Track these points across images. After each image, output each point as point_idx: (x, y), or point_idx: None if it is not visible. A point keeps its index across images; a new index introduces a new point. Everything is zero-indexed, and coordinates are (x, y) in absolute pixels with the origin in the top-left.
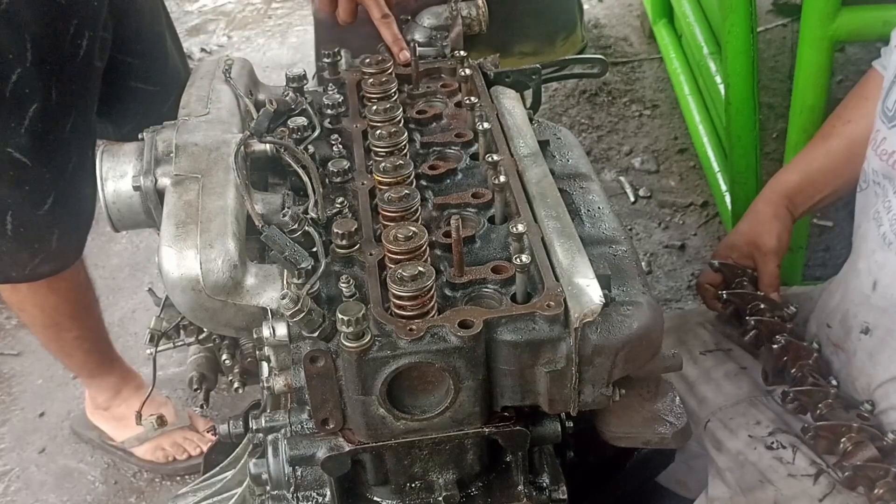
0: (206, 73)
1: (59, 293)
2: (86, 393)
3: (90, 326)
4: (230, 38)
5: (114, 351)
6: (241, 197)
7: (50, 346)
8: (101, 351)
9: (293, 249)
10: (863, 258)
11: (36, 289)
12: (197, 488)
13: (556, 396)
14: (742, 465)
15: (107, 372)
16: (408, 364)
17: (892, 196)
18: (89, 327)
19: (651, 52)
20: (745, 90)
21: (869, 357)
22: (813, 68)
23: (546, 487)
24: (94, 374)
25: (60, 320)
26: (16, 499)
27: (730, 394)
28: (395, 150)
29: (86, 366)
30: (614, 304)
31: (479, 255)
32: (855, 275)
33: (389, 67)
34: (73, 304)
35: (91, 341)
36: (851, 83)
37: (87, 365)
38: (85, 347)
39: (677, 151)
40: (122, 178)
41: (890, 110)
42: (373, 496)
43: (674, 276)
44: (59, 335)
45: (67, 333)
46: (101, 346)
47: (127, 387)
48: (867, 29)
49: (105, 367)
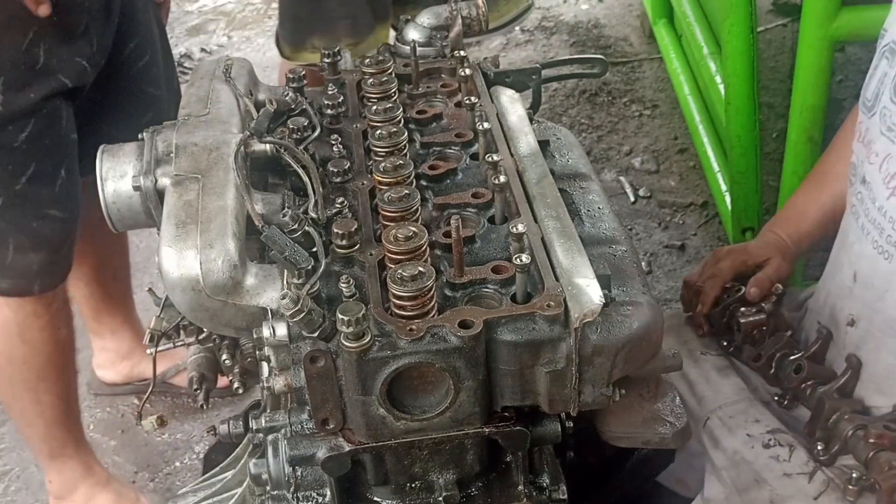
0: (206, 73)
1: (30, 345)
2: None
3: (59, 395)
4: (230, 38)
5: (82, 436)
6: (241, 197)
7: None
8: (66, 429)
9: (293, 249)
10: (844, 251)
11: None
12: (197, 488)
13: (556, 396)
14: (738, 465)
15: (69, 455)
16: (408, 364)
17: (870, 186)
18: (58, 395)
19: (651, 52)
20: (745, 90)
21: (856, 349)
22: (813, 68)
23: (546, 487)
24: (54, 454)
25: (28, 377)
26: (16, 499)
27: (729, 393)
28: (395, 150)
29: (45, 442)
30: (614, 304)
31: (479, 255)
32: (838, 268)
33: (390, 67)
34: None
35: (57, 413)
36: (851, 83)
37: (48, 441)
38: (48, 418)
39: (677, 151)
40: (122, 178)
41: (869, 100)
42: (373, 496)
43: (674, 276)
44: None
45: (32, 395)
46: (67, 424)
47: (87, 482)
48: (867, 29)
49: (68, 448)
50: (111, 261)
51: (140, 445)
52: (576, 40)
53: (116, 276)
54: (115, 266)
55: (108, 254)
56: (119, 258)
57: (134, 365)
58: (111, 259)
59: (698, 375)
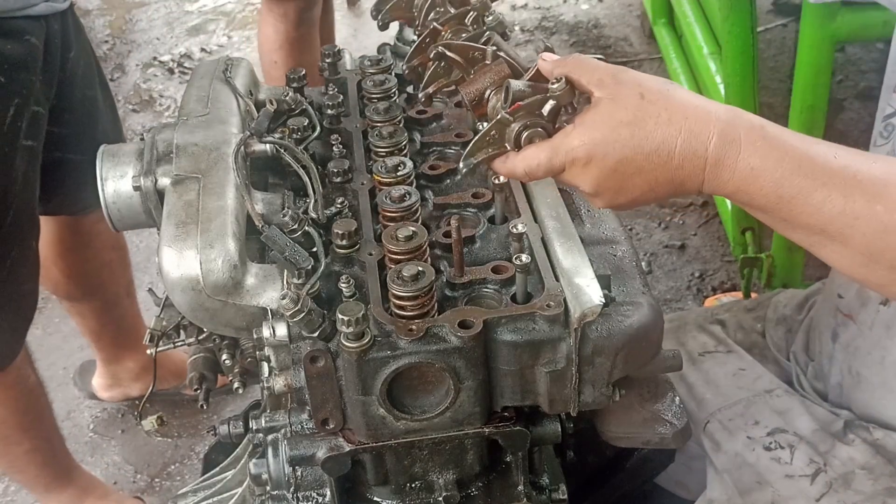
0: (205, 73)
1: (4, 404)
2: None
3: (44, 437)
4: (230, 38)
5: (71, 460)
6: (241, 197)
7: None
8: (56, 463)
9: (293, 249)
10: None
11: None
12: (197, 488)
13: (556, 396)
14: (740, 467)
15: (64, 485)
16: (408, 364)
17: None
18: (43, 437)
19: (651, 52)
20: (745, 90)
21: (886, 329)
22: (813, 68)
23: (546, 487)
24: (50, 488)
25: (9, 434)
26: (16, 499)
27: (729, 395)
28: (395, 150)
29: (39, 480)
30: (614, 304)
31: (479, 255)
32: None
33: (390, 67)
34: (21, 414)
35: (44, 453)
36: (852, 83)
37: (42, 479)
38: (38, 461)
39: None
40: (122, 178)
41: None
42: (373, 496)
43: (674, 276)
44: (9, 450)
45: (18, 447)
46: (57, 458)
47: (89, 498)
48: (867, 29)
49: (62, 479)
50: (117, 287)
51: (140, 445)
52: (576, 40)
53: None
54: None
55: (113, 282)
56: (121, 278)
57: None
58: (117, 286)
59: (697, 377)
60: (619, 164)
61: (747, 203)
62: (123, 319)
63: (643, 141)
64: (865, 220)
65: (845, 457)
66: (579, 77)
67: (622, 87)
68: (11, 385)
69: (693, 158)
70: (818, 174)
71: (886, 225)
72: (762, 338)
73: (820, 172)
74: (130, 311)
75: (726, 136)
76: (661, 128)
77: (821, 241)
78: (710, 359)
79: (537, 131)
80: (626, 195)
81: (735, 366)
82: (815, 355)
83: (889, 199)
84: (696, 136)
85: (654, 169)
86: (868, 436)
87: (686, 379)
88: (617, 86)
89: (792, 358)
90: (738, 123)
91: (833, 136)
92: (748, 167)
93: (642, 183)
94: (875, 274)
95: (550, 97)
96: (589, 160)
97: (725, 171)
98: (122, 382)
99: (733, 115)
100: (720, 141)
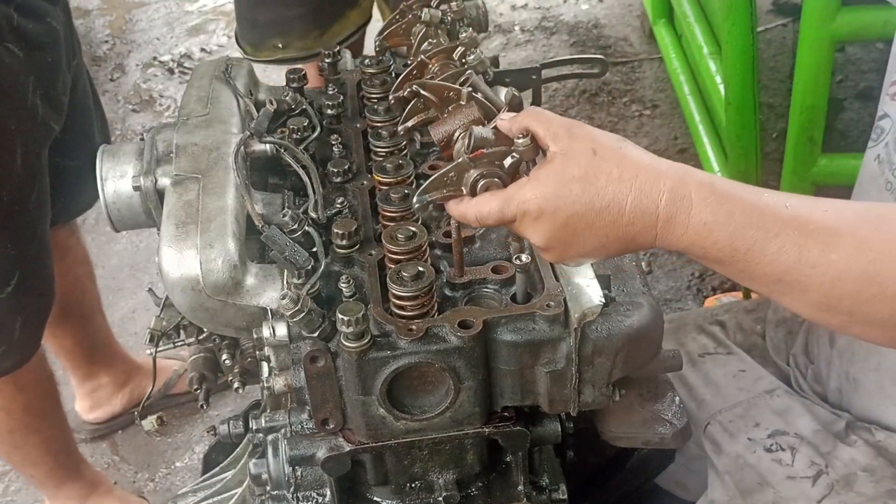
0: (205, 73)
1: (27, 390)
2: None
3: (59, 424)
4: (230, 38)
5: (79, 452)
6: (241, 197)
7: (13, 455)
8: (68, 452)
9: (293, 249)
10: None
11: (1, 390)
12: (197, 488)
13: (556, 396)
14: (741, 468)
15: (75, 478)
16: (408, 364)
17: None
18: (58, 425)
19: (651, 52)
20: (745, 90)
21: None
22: (813, 68)
23: (546, 487)
24: (62, 481)
25: (29, 421)
26: (16, 499)
27: (729, 396)
28: (395, 150)
29: (53, 473)
30: (614, 304)
31: (479, 255)
32: None
33: (390, 67)
34: (43, 399)
35: (60, 442)
36: (852, 83)
37: (56, 472)
38: (53, 451)
39: (677, 151)
40: (122, 178)
41: None
42: (373, 496)
43: (674, 276)
44: (27, 439)
45: (36, 436)
46: (68, 448)
47: (96, 492)
48: (867, 29)
49: (72, 471)
50: (90, 303)
51: (140, 445)
52: (576, 40)
53: (95, 310)
54: (92, 304)
55: (86, 298)
56: (91, 293)
57: (134, 388)
58: (90, 302)
59: (697, 378)
60: (569, 220)
61: (702, 256)
62: (97, 335)
63: (594, 197)
64: (821, 270)
65: (847, 458)
66: (536, 129)
67: (575, 142)
68: (35, 370)
69: (644, 216)
70: (769, 225)
71: (842, 273)
72: (762, 339)
73: (771, 223)
74: (103, 326)
75: (676, 193)
76: (613, 185)
77: (780, 289)
78: (711, 360)
79: (494, 181)
80: (575, 250)
81: (735, 367)
82: (815, 358)
83: (843, 248)
84: (646, 195)
85: (606, 226)
86: (870, 437)
87: (686, 380)
88: (570, 140)
89: (792, 360)
90: (688, 181)
91: (833, 136)
92: (701, 222)
93: (593, 238)
94: (835, 318)
95: (514, 151)
96: (540, 214)
97: (679, 227)
98: (103, 400)
99: (683, 172)
100: (671, 197)
